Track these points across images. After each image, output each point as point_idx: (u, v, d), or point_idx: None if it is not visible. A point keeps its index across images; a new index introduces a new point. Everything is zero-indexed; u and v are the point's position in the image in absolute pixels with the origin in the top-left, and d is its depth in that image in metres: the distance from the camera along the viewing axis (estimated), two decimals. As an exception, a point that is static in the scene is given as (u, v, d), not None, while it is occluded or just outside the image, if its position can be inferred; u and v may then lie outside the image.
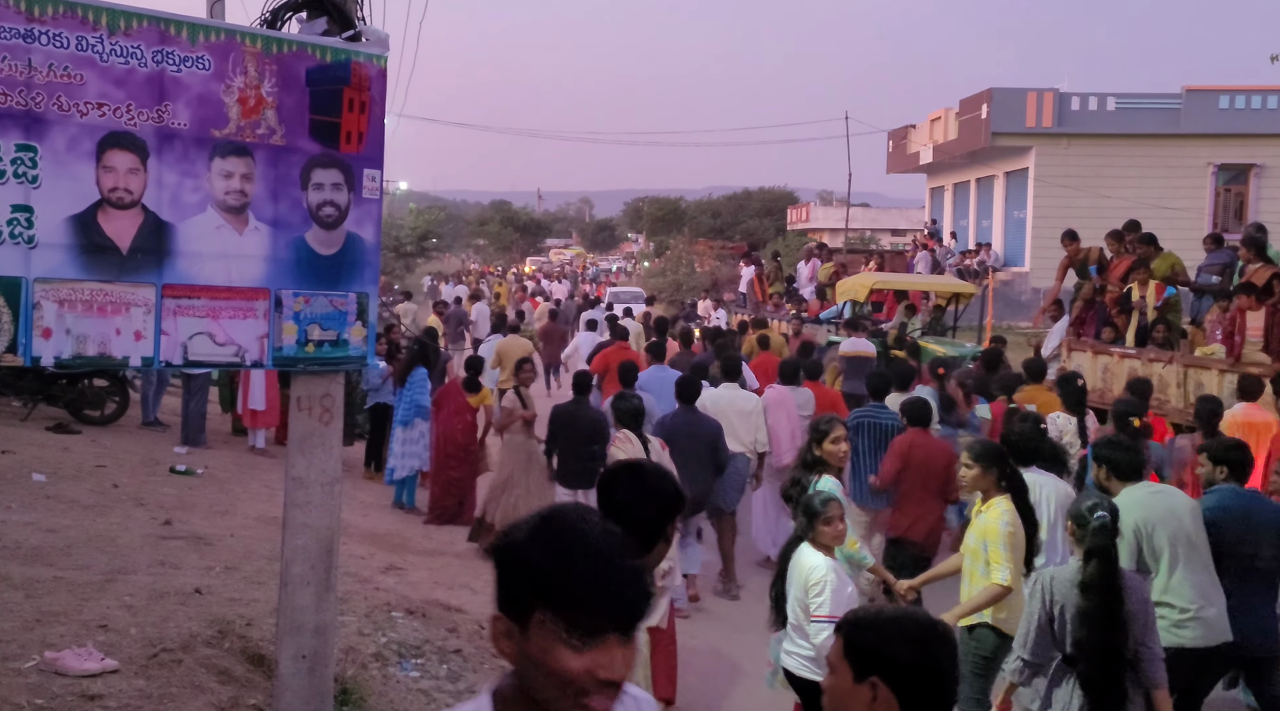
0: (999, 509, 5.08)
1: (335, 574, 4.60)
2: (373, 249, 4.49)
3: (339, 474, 4.61)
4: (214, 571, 6.70)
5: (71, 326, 3.80)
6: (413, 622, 6.29)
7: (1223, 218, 25.37)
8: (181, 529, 7.68)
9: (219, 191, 4.07)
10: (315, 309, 4.35)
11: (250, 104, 4.08)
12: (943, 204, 32.44)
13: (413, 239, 50.72)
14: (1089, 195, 23.10)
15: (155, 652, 4.91)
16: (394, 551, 8.58)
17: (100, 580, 6.03)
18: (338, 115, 4.30)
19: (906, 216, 49.93)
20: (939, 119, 29.97)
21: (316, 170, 4.29)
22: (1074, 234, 12.93)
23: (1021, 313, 25.37)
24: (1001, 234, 28.15)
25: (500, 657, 5.18)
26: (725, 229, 52.68)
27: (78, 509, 7.81)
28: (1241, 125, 25.25)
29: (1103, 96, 26.00)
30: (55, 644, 4.82)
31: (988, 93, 26.31)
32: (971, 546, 5.20)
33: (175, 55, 3.91)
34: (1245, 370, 9.04)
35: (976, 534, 5.16)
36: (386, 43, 4.41)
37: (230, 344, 4.15)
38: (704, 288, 31.09)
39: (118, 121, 3.81)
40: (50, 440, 10.15)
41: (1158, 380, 10.04)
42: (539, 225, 79.43)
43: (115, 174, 3.83)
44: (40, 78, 3.65)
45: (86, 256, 3.80)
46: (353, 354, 4.49)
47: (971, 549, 5.20)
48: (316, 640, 4.52)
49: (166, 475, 9.54)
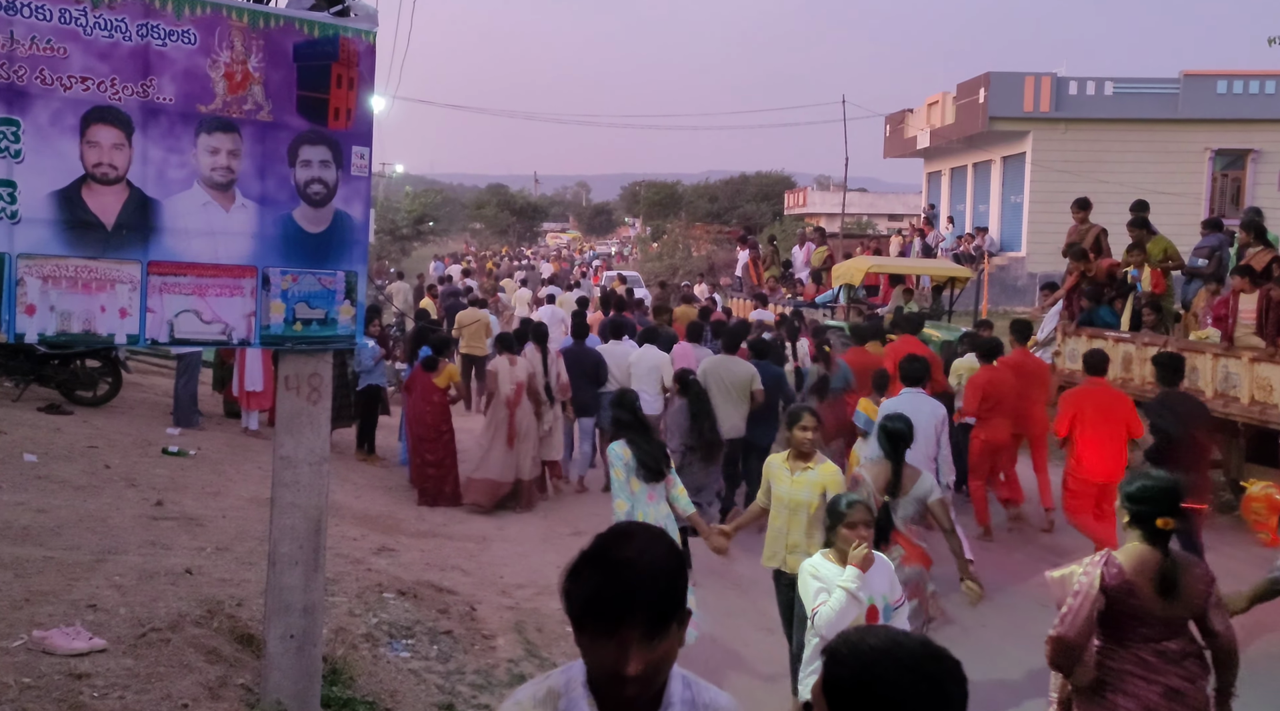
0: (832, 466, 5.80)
1: (323, 553, 4.58)
2: (361, 227, 4.45)
3: (327, 453, 4.59)
4: (205, 552, 6.68)
5: (56, 303, 3.77)
6: (404, 603, 6.28)
7: (1220, 203, 25.33)
8: (173, 509, 7.66)
9: (205, 167, 4.03)
10: (303, 287, 4.32)
11: (237, 79, 4.05)
12: (940, 188, 32.35)
13: (409, 222, 50.60)
14: (1087, 180, 23.00)
15: (144, 632, 4.90)
16: (386, 533, 8.57)
17: (90, 560, 6.01)
18: (326, 91, 4.26)
19: (904, 201, 49.82)
20: (936, 103, 29.85)
21: (304, 147, 4.26)
22: (1085, 202, 12.63)
23: (1018, 297, 25.33)
24: (998, 219, 28.08)
25: (491, 639, 5.10)
26: (722, 213, 52.58)
27: (69, 489, 7.79)
28: (1239, 110, 25.17)
29: (1100, 81, 25.88)
30: (44, 623, 4.81)
31: (985, 77, 26.20)
32: (805, 498, 5.70)
33: (160, 29, 3.86)
34: (1237, 353, 9.05)
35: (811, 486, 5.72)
36: (375, 17, 4.36)
37: (217, 322, 4.13)
38: (700, 272, 31.05)
39: (101, 96, 3.78)
40: (42, 421, 10.12)
41: (1152, 364, 10.03)
42: (536, 209, 79.17)
43: (99, 149, 3.80)
44: (22, 50, 3.61)
45: (70, 232, 3.77)
46: (341, 332, 4.46)
47: (806, 501, 5.70)
48: (305, 619, 4.51)
49: (159, 456, 9.50)
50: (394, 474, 11.44)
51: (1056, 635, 3.87)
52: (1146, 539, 3.93)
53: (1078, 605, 3.86)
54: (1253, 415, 8.82)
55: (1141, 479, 4.03)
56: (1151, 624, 3.87)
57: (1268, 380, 8.73)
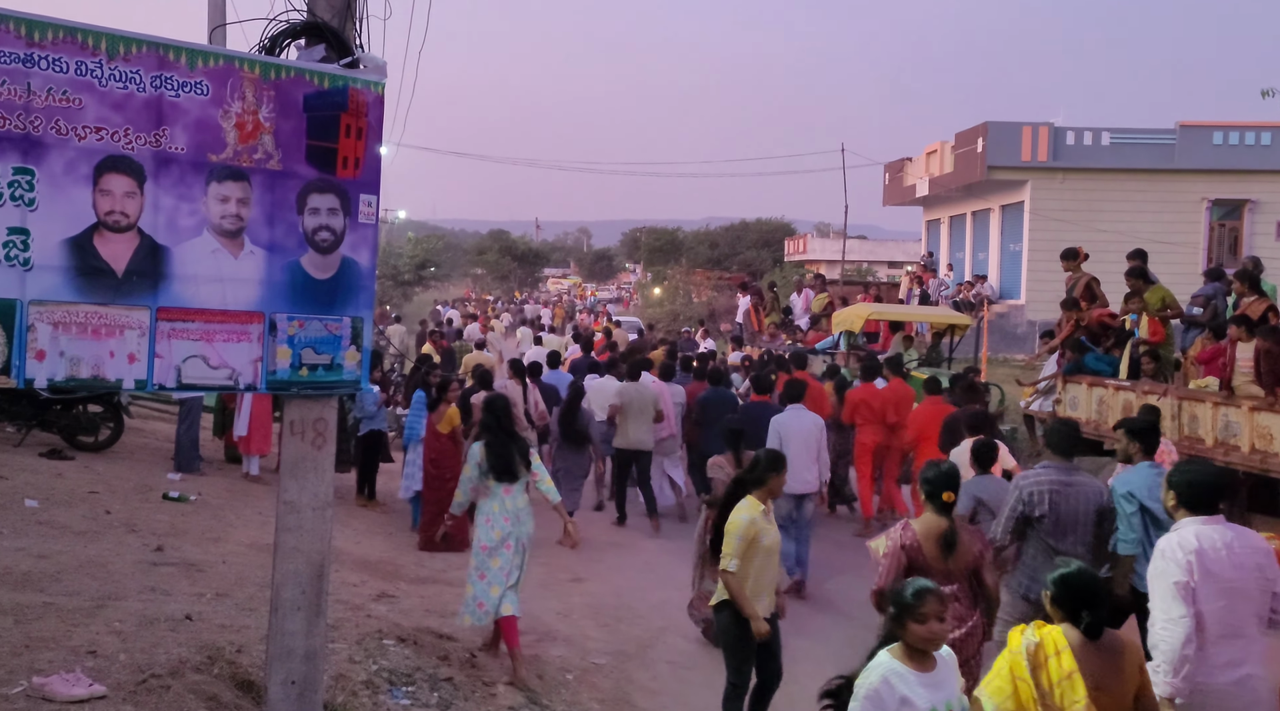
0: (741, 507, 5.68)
1: (326, 599, 4.58)
2: (368, 273, 4.51)
3: (330, 498, 4.60)
4: (205, 598, 6.66)
5: (65, 348, 3.81)
6: (404, 650, 6.25)
7: (1218, 252, 25.46)
8: (173, 555, 7.65)
9: (215, 215, 4.09)
10: (309, 332, 4.36)
11: (248, 129, 4.12)
12: (939, 236, 32.55)
13: (411, 267, 50.86)
14: (1085, 229, 23.15)
15: (144, 678, 4.88)
16: (386, 579, 8.54)
17: (90, 606, 6.00)
18: (335, 141, 4.34)
19: (903, 248, 50.10)
20: (935, 152, 30.13)
21: (313, 195, 4.32)
22: (1073, 252, 12.70)
23: (1017, 345, 25.39)
24: (998, 266, 28.23)
25: (492, 686, 5.06)
26: (723, 260, 52.83)
27: (69, 535, 7.78)
28: (1235, 161, 25.39)
29: (1097, 131, 26.14)
30: (44, 669, 4.79)
31: (983, 126, 26.47)
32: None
33: (174, 80, 3.94)
34: (1237, 402, 9.07)
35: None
36: (384, 69, 4.45)
37: (224, 367, 4.16)
38: (700, 318, 31.18)
39: (115, 145, 3.84)
40: (44, 466, 10.12)
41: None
42: (537, 254, 79.56)
43: (112, 197, 3.86)
44: (39, 101, 3.69)
45: (82, 279, 3.82)
46: (346, 378, 4.50)
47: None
48: (306, 665, 4.50)
49: (159, 501, 9.50)
50: (394, 519, 11.41)
51: (877, 588, 5.11)
52: (936, 510, 5.17)
53: (888, 564, 5.12)
54: (1253, 464, 8.82)
55: (933, 467, 5.26)
56: (935, 574, 4.88)
57: (1268, 429, 8.74)
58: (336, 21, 4.56)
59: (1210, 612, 4.29)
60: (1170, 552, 4.37)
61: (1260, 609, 4.38)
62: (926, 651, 3.73)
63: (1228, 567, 4.32)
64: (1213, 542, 4.36)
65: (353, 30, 4.66)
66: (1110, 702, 3.80)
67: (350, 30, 4.64)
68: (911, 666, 3.70)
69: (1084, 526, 5.77)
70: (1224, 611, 4.30)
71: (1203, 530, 4.40)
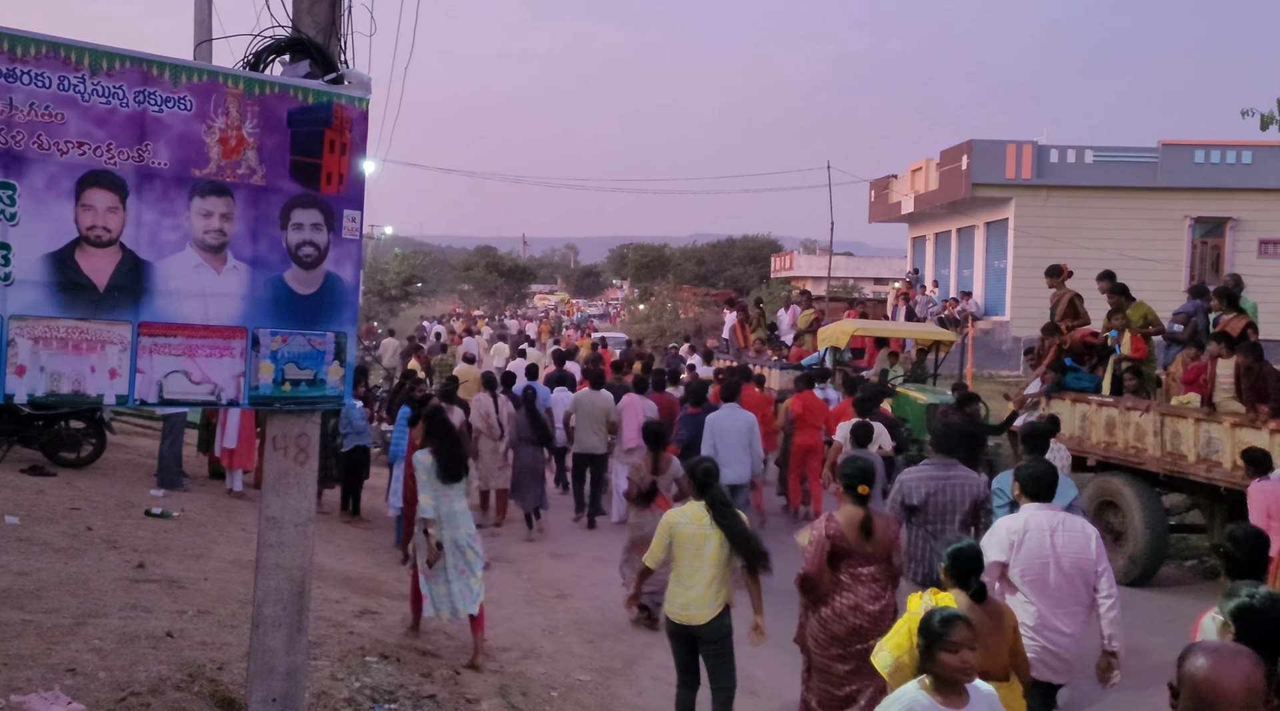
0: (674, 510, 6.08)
1: (308, 615, 4.56)
2: (352, 289, 4.51)
3: (313, 514, 4.59)
4: (186, 615, 6.62)
5: (46, 364, 3.80)
6: (387, 667, 6.21)
7: (1200, 270, 25.64)
8: (155, 572, 7.60)
9: (198, 230, 4.09)
10: (293, 348, 4.36)
11: (231, 144, 4.12)
12: (924, 253, 32.71)
13: (397, 283, 50.76)
14: (1068, 246, 23.29)
15: (123, 696, 4.84)
16: (368, 595, 8.49)
17: (70, 623, 5.95)
18: (319, 156, 4.34)
19: (889, 265, 50.33)
20: (920, 169, 30.30)
21: (296, 210, 4.33)
22: (1056, 269, 12.80)
23: (1002, 361, 25.49)
24: (982, 283, 28.37)
25: (476, 703, 5.04)
26: (709, 276, 52.94)
27: (50, 552, 7.72)
28: (1217, 179, 25.61)
29: (1081, 149, 26.34)
30: (22, 687, 4.75)
31: (968, 144, 26.65)
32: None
33: (157, 95, 3.94)
34: (1219, 418, 9.13)
35: None
36: (368, 85, 4.46)
37: (206, 382, 4.15)
38: (685, 334, 31.21)
39: (98, 160, 3.84)
40: (25, 482, 10.05)
41: (1135, 429, 10.11)
42: (524, 271, 79.52)
43: (94, 212, 3.85)
44: (21, 116, 3.68)
45: (63, 294, 3.81)
46: (330, 393, 4.49)
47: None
48: (287, 683, 4.48)
49: (142, 518, 9.44)
50: (377, 536, 11.37)
51: (804, 573, 5.56)
52: (854, 501, 5.62)
53: (814, 552, 5.55)
54: (1235, 480, 8.86)
55: (851, 463, 5.77)
56: (856, 557, 5.56)
57: (1249, 445, 8.79)
58: (321, 37, 4.58)
59: (1030, 584, 5.23)
60: (999, 532, 5.38)
61: (1078, 585, 5.24)
62: (958, 684, 3.58)
63: (1049, 547, 5.24)
64: (1040, 525, 5.28)
65: (337, 46, 4.68)
66: (989, 655, 4.32)
67: (335, 46, 4.66)
68: (940, 700, 3.54)
69: (960, 515, 6.32)
70: (1042, 583, 5.22)
71: (1034, 514, 5.34)
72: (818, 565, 5.51)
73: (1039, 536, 5.25)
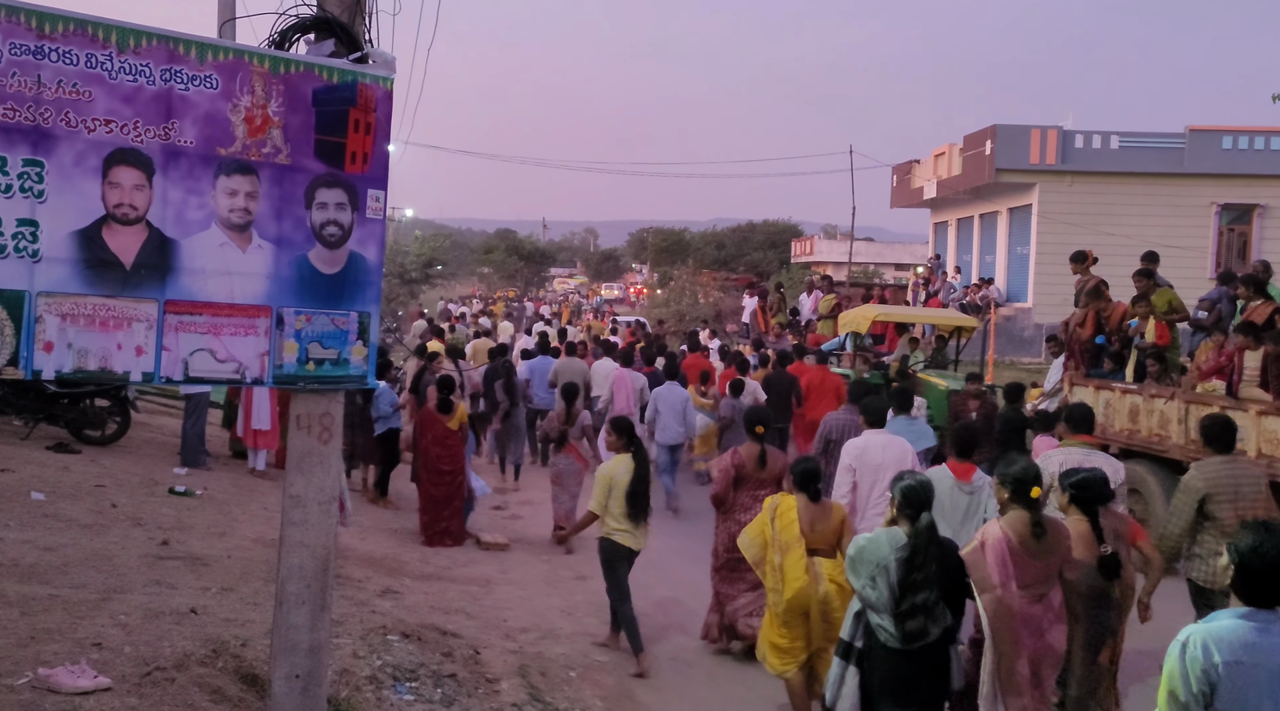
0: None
1: (331, 593, 4.59)
2: (375, 268, 4.51)
3: (336, 493, 4.61)
4: (210, 592, 6.68)
5: (73, 340, 3.82)
6: (408, 646, 6.25)
7: (1226, 257, 25.38)
8: (179, 549, 7.67)
9: (223, 209, 4.10)
10: (316, 327, 4.37)
11: (256, 123, 4.13)
12: (947, 239, 32.51)
13: (418, 265, 50.83)
14: (1093, 232, 23.11)
15: (149, 671, 4.89)
16: (391, 575, 8.55)
17: (96, 598, 6.02)
18: (343, 135, 4.34)
19: (910, 251, 50.05)
20: (943, 154, 30.08)
21: (321, 189, 4.33)
22: (1081, 255, 12.71)
23: (1024, 348, 25.36)
24: (1005, 269, 28.18)
25: (495, 683, 5.06)
26: (729, 261, 52.80)
27: (75, 528, 7.80)
28: (1245, 166, 25.31)
29: (1106, 135, 26.08)
30: (49, 661, 4.81)
31: (992, 129, 26.43)
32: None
33: (183, 74, 3.95)
34: (1244, 407, 9.04)
35: None
36: (393, 65, 4.45)
37: (231, 360, 4.17)
38: (704, 318, 31.16)
39: (124, 138, 3.85)
40: (50, 459, 10.15)
41: (1159, 416, 10.03)
42: (544, 254, 79.48)
43: (121, 190, 3.86)
44: (49, 94, 3.69)
45: (90, 271, 3.83)
46: (353, 373, 4.50)
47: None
48: (310, 660, 4.51)
49: (165, 496, 9.52)
50: (400, 517, 11.43)
51: (713, 493, 7.48)
52: (752, 439, 7.41)
53: (720, 476, 7.40)
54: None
55: (754, 411, 7.88)
56: (753, 481, 7.37)
57: (1275, 433, 8.71)
58: (346, 17, 4.57)
59: (866, 484, 7.20)
60: (847, 450, 7.42)
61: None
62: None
63: (879, 457, 7.21)
64: (872, 443, 7.36)
65: (362, 25, 4.67)
66: (819, 537, 6.09)
67: (360, 25, 4.65)
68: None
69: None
70: (875, 485, 7.14)
71: (871, 435, 7.47)
72: (725, 486, 7.37)
73: (873, 451, 7.28)
